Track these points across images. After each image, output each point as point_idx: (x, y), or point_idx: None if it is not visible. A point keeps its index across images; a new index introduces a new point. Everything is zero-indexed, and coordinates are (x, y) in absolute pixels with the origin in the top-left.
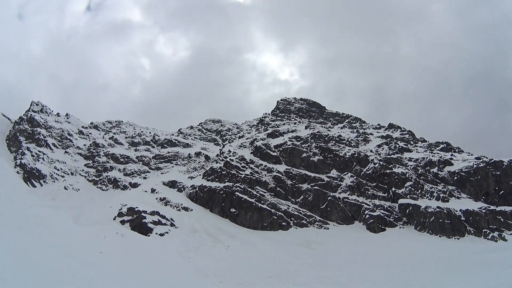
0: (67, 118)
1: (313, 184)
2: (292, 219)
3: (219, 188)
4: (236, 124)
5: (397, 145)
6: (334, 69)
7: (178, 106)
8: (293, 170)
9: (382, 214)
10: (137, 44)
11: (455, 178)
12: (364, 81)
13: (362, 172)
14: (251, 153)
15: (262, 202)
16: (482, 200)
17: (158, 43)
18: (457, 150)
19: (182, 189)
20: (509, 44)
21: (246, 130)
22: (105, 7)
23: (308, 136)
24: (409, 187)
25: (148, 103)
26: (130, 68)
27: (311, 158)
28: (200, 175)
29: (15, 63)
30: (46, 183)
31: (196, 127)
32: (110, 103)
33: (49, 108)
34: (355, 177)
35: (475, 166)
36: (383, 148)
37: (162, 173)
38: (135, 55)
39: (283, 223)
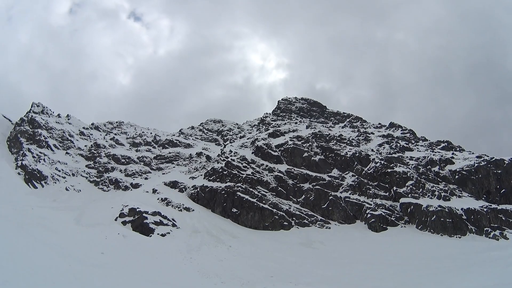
0: (68, 119)
1: (314, 183)
2: (294, 218)
3: (221, 188)
4: (237, 124)
5: (398, 144)
6: (335, 54)
7: (171, 94)
8: (294, 169)
9: (383, 213)
10: (126, 33)
11: (456, 176)
12: (366, 67)
13: (364, 172)
14: (252, 153)
15: (263, 202)
16: (483, 198)
17: (146, 32)
18: (458, 149)
19: (184, 189)
20: (506, 32)
21: (247, 130)
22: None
23: (309, 135)
24: (411, 186)
25: (139, 92)
26: (120, 57)
27: (312, 158)
28: (201, 175)
29: (3, 55)
30: (48, 184)
31: (197, 127)
32: (100, 92)
33: (50, 109)
34: (356, 176)
35: (476, 164)
36: (384, 147)
37: (164, 174)
38: (125, 45)
39: (285, 223)
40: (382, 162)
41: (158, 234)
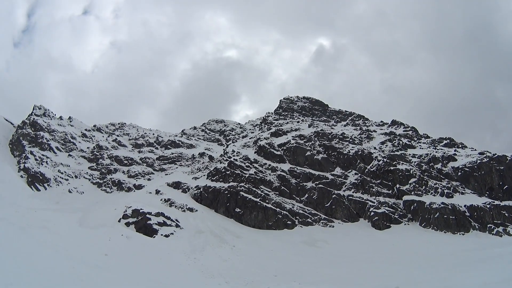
0: (70, 121)
1: (317, 182)
2: (297, 217)
3: (224, 188)
4: (240, 123)
5: (401, 142)
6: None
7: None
8: (297, 168)
9: (387, 211)
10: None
11: (459, 173)
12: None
13: (366, 170)
14: (255, 152)
15: (266, 201)
16: (486, 195)
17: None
18: (460, 146)
19: (187, 190)
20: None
21: (250, 129)
22: None
23: (312, 134)
24: (413, 184)
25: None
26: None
27: (315, 157)
28: (204, 175)
29: None
30: (50, 186)
31: (199, 128)
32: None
33: (52, 112)
34: (359, 174)
35: (478, 161)
36: (386, 145)
37: (166, 174)
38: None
39: (288, 222)
40: (385, 160)
41: (161, 235)
